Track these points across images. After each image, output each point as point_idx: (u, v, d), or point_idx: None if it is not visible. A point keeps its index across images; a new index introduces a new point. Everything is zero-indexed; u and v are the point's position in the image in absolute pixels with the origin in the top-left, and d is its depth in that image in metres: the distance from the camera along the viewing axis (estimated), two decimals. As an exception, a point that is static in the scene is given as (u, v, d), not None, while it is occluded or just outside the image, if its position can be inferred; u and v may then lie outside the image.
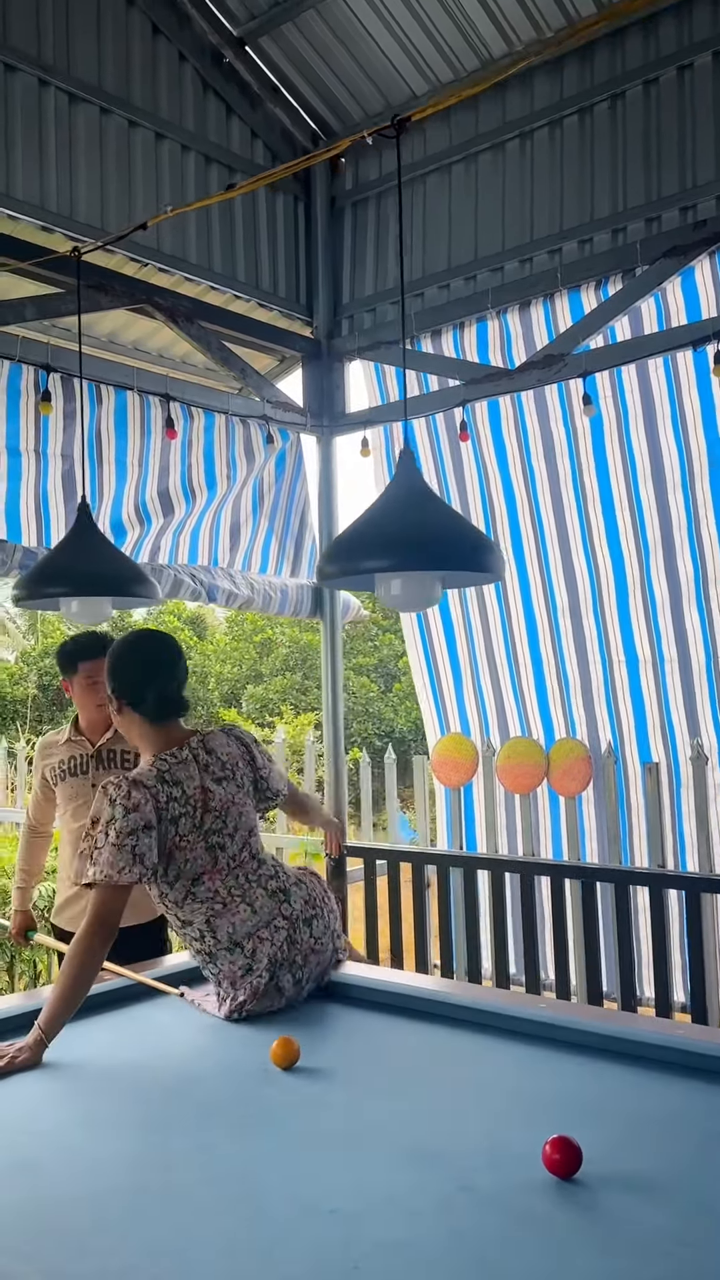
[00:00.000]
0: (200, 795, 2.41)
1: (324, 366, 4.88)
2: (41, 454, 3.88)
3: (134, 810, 2.29)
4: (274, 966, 2.41)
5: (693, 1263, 1.38)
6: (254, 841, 2.54)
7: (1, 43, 3.74)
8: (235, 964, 2.42)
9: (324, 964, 2.57)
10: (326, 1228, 1.48)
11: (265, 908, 2.46)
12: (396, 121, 2.11)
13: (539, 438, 4.44)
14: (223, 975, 2.43)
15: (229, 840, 2.46)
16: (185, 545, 4.39)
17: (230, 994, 2.42)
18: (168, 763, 2.42)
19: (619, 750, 4.45)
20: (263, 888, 2.48)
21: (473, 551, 2.01)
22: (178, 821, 2.36)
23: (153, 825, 2.31)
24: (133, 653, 2.57)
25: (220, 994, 2.45)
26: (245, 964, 2.41)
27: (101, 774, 3.37)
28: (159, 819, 2.33)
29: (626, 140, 4.01)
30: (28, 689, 18.93)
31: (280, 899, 2.49)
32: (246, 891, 2.46)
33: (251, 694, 18.49)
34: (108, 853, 2.27)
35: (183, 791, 2.39)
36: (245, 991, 2.39)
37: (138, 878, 2.28)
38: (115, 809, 2.30)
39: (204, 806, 2.41)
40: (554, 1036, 2.25)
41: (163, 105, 4.29)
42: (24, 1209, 1.57)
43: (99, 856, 2.27)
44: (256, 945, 2.41)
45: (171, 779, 2.39)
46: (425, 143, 4.59)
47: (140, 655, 2.56)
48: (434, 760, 4.86)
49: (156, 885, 2.43)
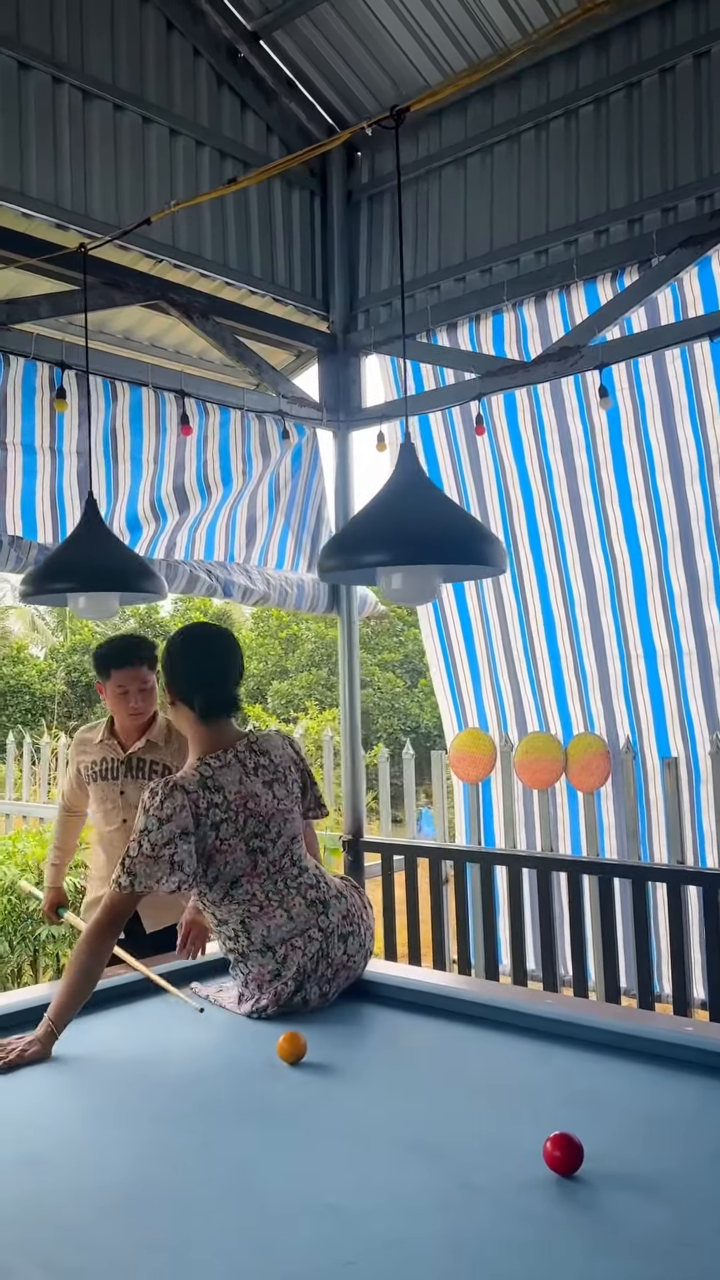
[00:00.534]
0: (242, 799, 2.40)
1: (340, 361, 4.88)
2: (57, 451, 3.90)
3: (168, 820, 2.28)
4: (301, 976, 2.40)
5: (692, 1263, 1.36)
6: (296, 848, 2.51)
7: (15, 40, 3.75)
8: (265, 967, 2.41)
9: (353, 979, 2.55)
10: (324, 1224, 1.48)
11: (302, 916, 2.44)
12: (395, 112, 2.09)
13: (555, 431, 4.42)
14: (250, 977, 2.43)
15: (271, 845, 2.44)
16: (201, 541, 4.40)
17: (254, 995, 2.42)
18: (211, 767, 2.40)
19: (637, 745, 4.42)
20: (301, 896, 2.46)
21: (473, 544, 1.99)
22: (219, 826, 2.35)
23: (190, 831, 2.30)
24: (187, 648, 2.55)
25: (245, 993, 2.44)
26: (275, 969, 2.40)
27: (130, 781, 3.41)
28: (197, 824, 2.33)
29: (643, 129, 3.97)
30: (57, 685, 19.10)
31: (318, 910, 2.46)
32: (284, 898, 2.44)
33: (277, 690, 18.54)
34: (143, 864, 2.26)
35: (224, 797, 2.37)
36: (269, 996, 2.39)
37: (177, 886, 2.28)
38: (149, 819, 2.29)
39: (247, 810, 2.40)
40: (564, 1033, 2.24)
41: (177, 101, 4.29)
42: (26, 1202, 1.58)
43: (133, 865, 2.26)
44: (289, 952, 2.40)
45: (214, 784, 2.37)
46: (440, 135, 4.57)
47: (194, 651, 2.54)
48: (452, 756, 4.85)
49: (195, 886, 2.43)
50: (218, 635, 2.62)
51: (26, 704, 18.59)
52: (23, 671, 18.81)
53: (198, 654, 2.53)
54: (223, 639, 2.59)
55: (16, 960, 5.88)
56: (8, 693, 18.54)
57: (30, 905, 5.82)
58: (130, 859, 2.27)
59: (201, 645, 2.57)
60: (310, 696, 18.22)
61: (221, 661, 2.53)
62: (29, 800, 8.12)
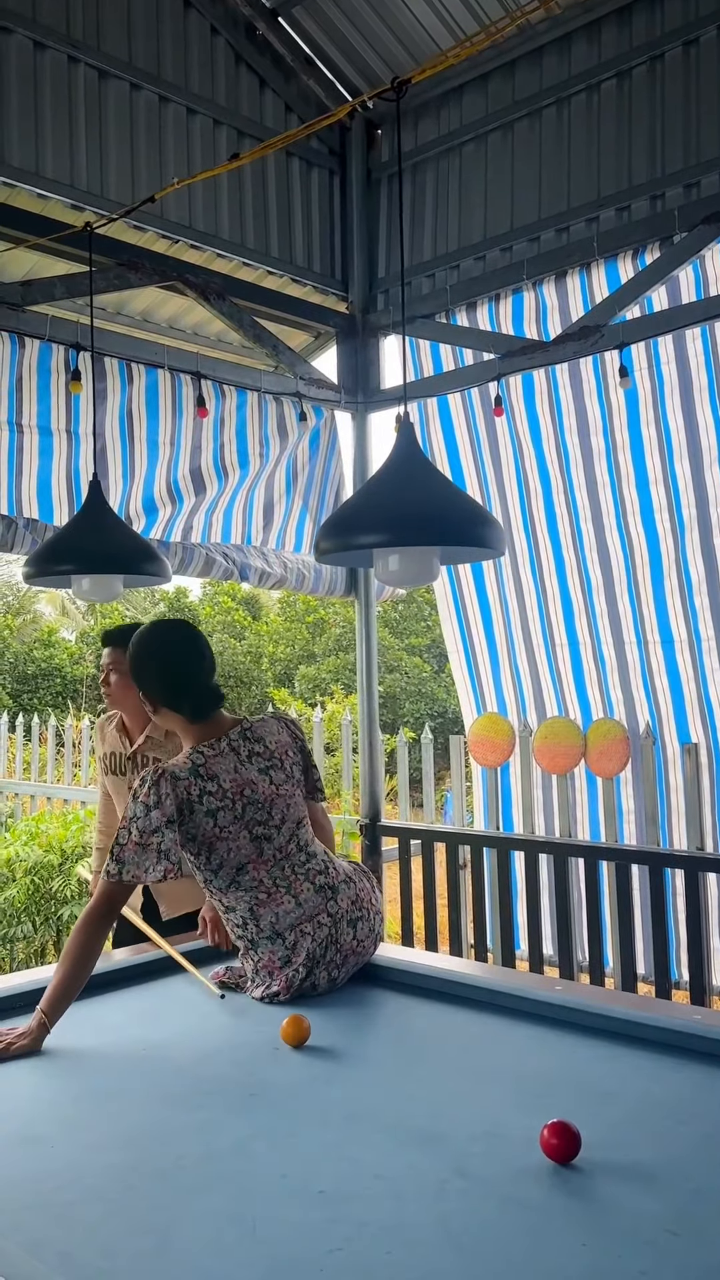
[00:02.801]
0: (239, 787, 2.38)
1: (359, 342, 4.83)
2: (73, 434, 3.89)
3: (155, 807, 2.26)
4: (311, 962, 2.39)
5: (681, 1253, 1.34)
6: (302, 833, 2.49)
7: (30, 19, 3.73)
8: (275, 954, 2.40)
9: (362, 964, 2.53)
10: (313, 1209, 1.47)
11: (310, 902, 2.42)
12: (396, 83, 2.05)
13: (573, 414, 4.36)
14: (261, 964, 2.42)
15: (275, 832, 2.42)
16: (218, 524, 4.38)
17: (265, 982, 2.41)
18: (204, 755, 2.38)
19: (657, 731, 4.37)
20: (310, 882, 2.44)
21: (471, 526, 1.95)
22: (216, 814, 2.33)
23: (174, 820, 2.28)
24: (151, 657, 2.47)
25: (256, 979, 2.44)
26: (285, 955, 2.39)
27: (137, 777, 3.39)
28: (190, 811, 2.31)
29: (665, 104, 3.90)
30: (86, 668, 19.19)
31: (327, 895, 2.45)
32: (292, 883, 2.42)
33: (304, 674, 18.53)
34: (131, 851, 2.24)
35: (219, 785, 2.35)
36: (280, 983, 2.38)
37: (162, 875, 2.24)
38: (137, 805, 2.28)
39: (244, 798, 2.38)
40: (572, 1020, 2.22)
41: (194, 80, 4.26)
42: (18, 1181, 1.58)
43: (122, 853, 2.25)
44: (298, 939, 2.39)
45: (207, 773, 2.35)
46: (461, 112, 4.51)
47: (160, 658, 2.47)
48: (470, 740, 4.82)
49: (201, 873, 2.42)
50: (176, 632, 2.52)
51: (57, 687, 18.70)
52: (53, 655, 18.92)
53: (164, 659, 2.46)
54: (180, 634, 2.51)
55: (40, 939, 5.94)
56: (39, 676, 18.66)
57: (54, 885, 5.87)
58: (119, 846, 2.25)
59: (165, 650, 2.48)
60: (337, 681, 18.21)
61: (190, 660, 2.46)
62: (54, 783, 8.19)
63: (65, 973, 2.20)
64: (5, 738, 8.83)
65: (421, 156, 4.66)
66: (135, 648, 2.49)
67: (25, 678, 18.40)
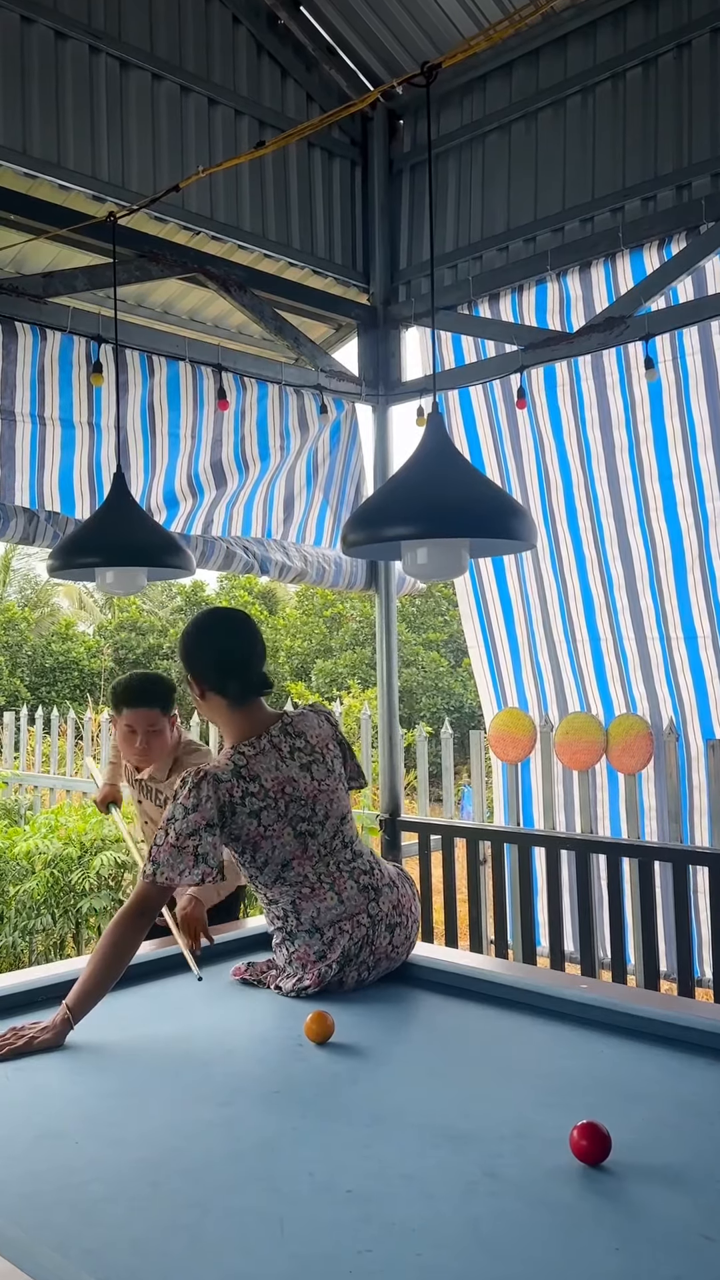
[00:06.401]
0: (280, 785, 2.36)
1: (379, 334, 4.80)
2: (95, 426, 3.88)
3: (194, 810, 2.25)
4: (345, 960, 2.38)
5: (714, 1259, 1.31)
6: (346, 828, 2.48)
7: (52, 9, 3.71)
8: (311, 948, 2.39)
9: (393, 969, 2.52)
10: (342, 1208, 1.45)
11: (353, 900, 2.41)
12: (426, 69, 2.02)
13: (595, 407, 4.31)
14: (295, 955, 2.41)
15: (319, 828, 2.41)
16: (239, 517, 4.37)
17: (297, 974, 2.40)
18: (245, 755, 2.36)
19: (680, 727, 4.33)
20: (354, 880, 2.43)
21: (504, 518, 1.92)
22: (259, 814, 2.32)
23: (215, 824, 2.26)
24: (205, 638, 2.49)
25: (288, 971, 2.43)
26: (320, 950, 2.38)
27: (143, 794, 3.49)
28: (232, 813, 2.30)
29: (693, 91, 3.84)
30: (104, 661, 19.22)
31: (370, 896, 2.43)
32: (336, 880, 2.41)
33: (321, 668, 18.52)
34: (167, 852, 2.23)
35: (261, 786, 2.34)
36: (311, 977, 2.37)
37: (200, 879, 2.22)
38: (176, 807, 2.26)
39: (286, 796, 2.36)
40: (596, 1018, 2.20)
41: (216, 70, 4.23)
42: (44, 1178, 1.57)
43: (158, 854, 2.24)
44: (336, 935, 2.38)
45: (249, 773, 2.34)
46: (485, 101, 4.47)
47: (214, 638, 2.49)
48: (491, 736, 4.79)
49: (246, 869, 2.41)
50: (233, 616, 2.54)
51: (75, 680, 18.74)
52: (71, 648, 18.96)
53: (218, 639, 2.48)
54: (238, 619, 2.53)
55: (60, 932, 5.95)
56: (57, 669, 18.70)
57: (73, 878, 5.87)
58: (157, 847, 2.25)
59: (219, 630, 2.51)
60: (354, 675, 18.18)
61: (244, 641, 2.47)
62: (73, 776, 8.20)
63: (94, 970, 2.19)
64: (25, 731, 8.86)
65: (444, 146, 4.62)
66: (191, 629, 2.53)
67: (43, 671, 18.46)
